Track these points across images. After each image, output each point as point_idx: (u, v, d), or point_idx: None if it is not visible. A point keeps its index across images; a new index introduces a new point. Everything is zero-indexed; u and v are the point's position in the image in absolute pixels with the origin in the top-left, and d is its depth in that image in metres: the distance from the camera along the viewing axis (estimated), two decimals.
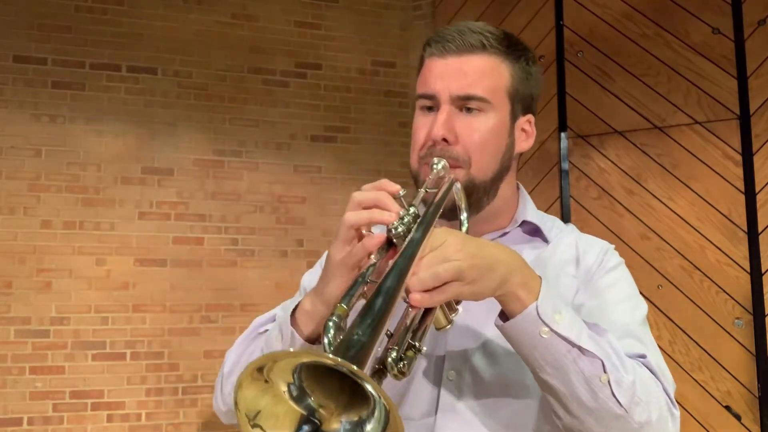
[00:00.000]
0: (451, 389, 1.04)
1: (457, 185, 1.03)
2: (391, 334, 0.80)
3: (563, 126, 3.64)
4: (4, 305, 3.46)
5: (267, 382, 0.70)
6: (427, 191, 0.99)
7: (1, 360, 3.42)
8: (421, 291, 0.80)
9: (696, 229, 3.31)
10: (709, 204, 3.29)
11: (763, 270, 3.16)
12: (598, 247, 1.13)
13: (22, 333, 3.46)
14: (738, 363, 3.14)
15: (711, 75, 3.35)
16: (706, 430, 3.16)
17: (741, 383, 3.12)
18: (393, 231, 0.86)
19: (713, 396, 3.15)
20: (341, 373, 0.66)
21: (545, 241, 1.14)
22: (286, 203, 3.95)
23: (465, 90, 1.05)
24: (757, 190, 3.20)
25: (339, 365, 0.64)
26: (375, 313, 0.72)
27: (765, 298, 3.13)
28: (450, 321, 0.90)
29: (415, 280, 0.80)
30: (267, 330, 1.08)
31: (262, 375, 0.69)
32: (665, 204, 3.39)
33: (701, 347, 3.20)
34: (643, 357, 0.98)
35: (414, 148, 1.09)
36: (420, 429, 1.03)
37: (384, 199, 0.91)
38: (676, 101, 3.41)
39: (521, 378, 1.02)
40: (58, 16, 3.67)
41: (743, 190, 3.22)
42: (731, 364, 3.14)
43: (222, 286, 3.78)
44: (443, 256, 0.83)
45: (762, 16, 3.27)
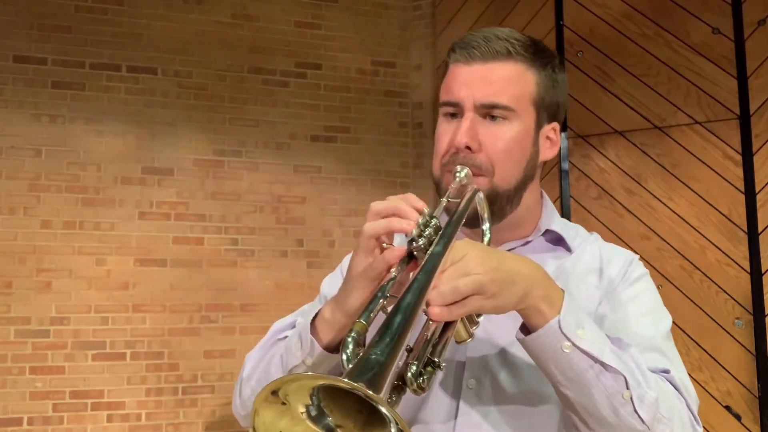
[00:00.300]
0: (471, 397, 1.03)
1: (480, 195, 1.02)
2: (411, 348, 0.80)
3: (563, 126, 3.62)
4: (4, 305, 3.46)
5: (284, 404, 0.69)
6: (449, 201, 0.98)
7: (1, 360, 3.42)
8: (442, 305, 0.80)
9: (696, 229, 3.31)
10: (709, 204, 3.29)
11: (763, 270, 3.16)
12: (622, 258, 1.12)
13: (22, 333, 3.46)
14: (738, 363, 3.14)
15: (711, 75, 3.35)
16: (706, 430, 3.16)
17: (741, 383, 3.12)
18: (414, 244, 0.86)
19: (713, 396, 3.15)
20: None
21: (568, 251, 1.13)
22: (286, 203, 3.95)
23: (489, 98, 1.03)
24: (757, 190, 3.20)
25: (355, 390, 0.64)
26: (394, 332, 0.71)
27: (765, 298, 3.13)
28: (471, 334, 0.90)
29: (435, 294, 0.79)
30: (286, 336, 1.07)
31: (278, 398, 0.69)
32: (665, 204, 3.39)
33: (701, 347, 3.20)
34: (667, 372, 0.97)
35: (436, 155, 1.07)
36: None
37: (402, 207, 0.89)
38: (676, 101, 3.41)
39: (542, 388, 1.01)
40: (58, 16, 3.67)
41: (743, 190, 3.22)
42: (731, 364, 3.14)
43: (222, 286, 3.78)
44: (464, 270, 0.82)
45: (762, 16, 3.27)
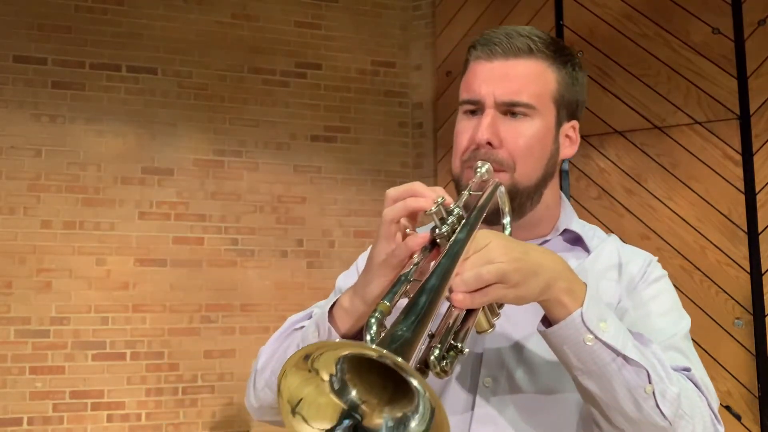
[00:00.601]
0: (487, 396, 1.02)
1: (502, 188, 1.01)
2: (433, 334, 0.79)
3: None
4: (4, 305, 3.46)
5: (311, 371, 0.69)
6: (471, 194, 0.97)
7: (1, 360, 3.42)
8: (465, 292, 0.79)
9: (696, 229, 3.31)
10: (709, 204, 3.29)
11: (763, 270, 3.15)
12: (641, 259, 1.11)
13: (22, 333, 3.46)
14: (738, 363, 3.14)
15: (711, 75, 3.35)
16: None
17: (741, 383, 3.12)
18: (437, 231, 0.85)
19: None
20: (384, 369, 0.65)
21: (587, 251, 1.12)
22: (286, 203, 3.95)
23: (510, 96, 1.03)
24: (757, 190, 3.20)
25: (384, 357, 0.63)
26: (419, 311, 0.70)
27: (765, 298, 3.13)
28: (492, 325, 0.89)
29: (459, 280, 0.79)
30: (303, 326, 1.07)
31: (307, 364, 0.68)
32: (665, 204, 3.39)
33: (701, 347, 3.20)
34: (688, 370, 0.96)
35: (456, 152, 1.07)
36: None
37: (417, 188, 0.89)
38: (676, 101, 3.41)
39: (559, 388, 1.01)
40: (58, 16, 3.68)
41: (743, 190, 3.22)
42: (731, 364, 3.14)
43: (222, 286, 3.78)
44: (487, 258, 0.81)
45: (762, 16, 3.27)
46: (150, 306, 3.66)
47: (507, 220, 1.03)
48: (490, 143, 1.02)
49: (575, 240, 1.13)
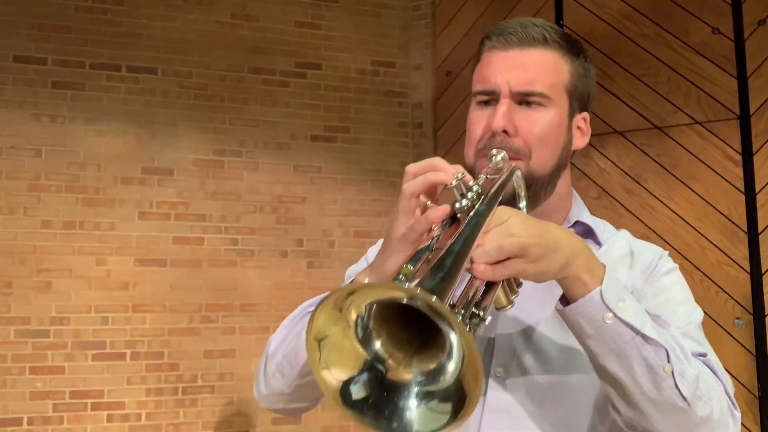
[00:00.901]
0: (499, 386, 1.02)
1: (518, 173, 1.01)
2: (454, 304, 0.78)
3: None
4: (4, 305, 3.46)
5: (341, 311, 0.69)
6: (488, 177, 0.96)
7: (1, 360, 3.42)
8: (486, 263, 0.79)
9: (696, 229, 3.31)
10: (709, 204, 3.29)
11: (763, 270, 3.16)
12: (653, 252, 1.12)
13: (22, 333, 3.46)
14: (738, 363, 3.14)
15: (711, 75, 3.35)
16: None
17: (741, 383, 3.12)
18: (457, 206, 0.84)
19: None
20: (410, 322, 0.64)
21: (597, 244, 1.11)
22: (286, 203, 3.95)
23: (525, 86, 1.03)
24: (757, 190, 3.20)
25: (417, 297, 0.62)
26: (445, 270, 0.70)
27: (765, 298, 3.13)
28: (511, 302, 0.88)
29: (480, 251, 0.79)
30: None
31: (344, 304, 0.68)
32: (665, 204, 3.39)
33: None
34: (704, 356, 0.97)
35: (470, 142, 1.07)
36: (466, 426, 1.00)
37: (436, 162, 0.89)
38: (676, 101, 3.41)
39: (571, 375, 1.01)
40: (58, 16, 3.67)
41: (743, 190, 3.22)
42: (731, 364, 3.14)
43: (222, 286, 3.78)
44: (508, 231, 0.81)
45: (762, 16, 3.27)
46: (150, 306, 3.66)
47: (523, 204, 1.02)
48: (506, 131, 1.02)
49: (587, 233, 1.13)
